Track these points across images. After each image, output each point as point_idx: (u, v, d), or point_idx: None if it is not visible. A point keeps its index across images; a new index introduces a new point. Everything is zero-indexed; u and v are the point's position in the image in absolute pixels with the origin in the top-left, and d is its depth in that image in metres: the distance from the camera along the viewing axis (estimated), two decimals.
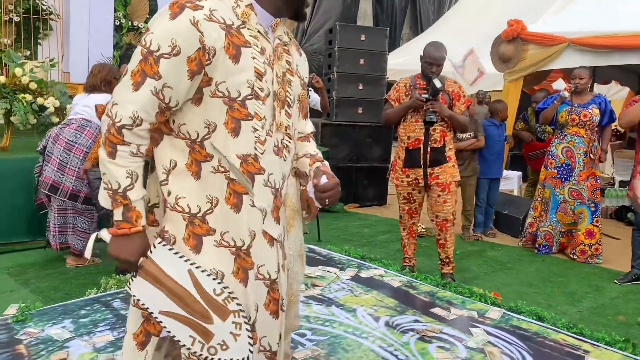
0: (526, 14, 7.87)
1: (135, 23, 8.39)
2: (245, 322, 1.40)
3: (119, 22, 8.20)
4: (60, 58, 7.17)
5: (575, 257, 4.86)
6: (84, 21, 7.65)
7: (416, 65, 4.09)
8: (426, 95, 3.73)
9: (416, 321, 3.16)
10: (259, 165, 1.42)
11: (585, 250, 4.84)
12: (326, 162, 1.71)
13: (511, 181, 7.15)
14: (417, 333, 2.99)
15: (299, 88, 1.59)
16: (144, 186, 1.43)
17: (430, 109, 3.74)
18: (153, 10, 8.54)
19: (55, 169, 3.89)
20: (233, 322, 1.38)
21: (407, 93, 3.88)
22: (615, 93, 10.09)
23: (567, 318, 3.34)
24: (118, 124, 1.34)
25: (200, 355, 1.39)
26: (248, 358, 1.39)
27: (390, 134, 7.02)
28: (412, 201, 3.96)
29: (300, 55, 1.66)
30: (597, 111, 4.72)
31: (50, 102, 4.88)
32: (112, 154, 1.35)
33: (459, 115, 3.83)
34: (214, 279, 1.38)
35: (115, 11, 8.10)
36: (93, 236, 1.51)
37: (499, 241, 5.46)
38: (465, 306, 3.41)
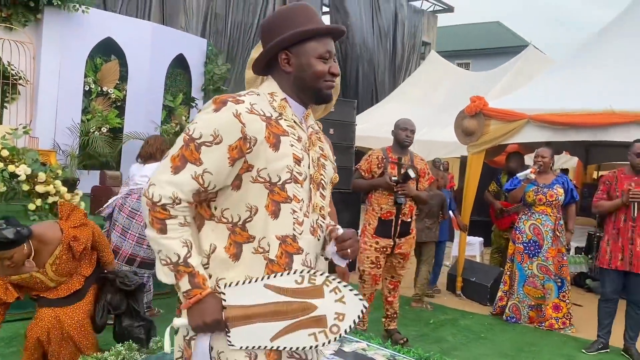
0: (478, 89, 8.41)
1: (104, 88, 8.41)
2: (338, 282, 1.42)
3: (88, 88, 8.20)
4: (28, 123, 7.07)
5: (545, 326, 4.99)
6: (54, 86, 7.63)
7: (374, 131, 4.41)
8: (396, 178, 4.03)
9: None
10: (297, 246, 1.49)
11: (553, 324, 4.99)
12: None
13: (473, 247, 7.37)
14: None
15: (332, 171, 1.70)
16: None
17: (400, 192, 4.03)
18: (123, 76, 8.61)
19: (119, 234, 4.08)
20: (331, 291, 1.40)
21: (379, 165, 4.16)
22: (565, 162, 10.70)
23: None
24: (159, 204, 1.40)
25: (330, 340, 1.41)
26: (365, 306, 1.42)
27: (359, 201, 7.16)
28: (379, 266, 4.17)
29: (325, 142, 1.76)
30: (562, 190, 5.01)
31: (22, 170, 4.80)
32: (163, 230, 1.41)
33: (422, 192, 4.23)
34: (287, 274, 1.42)
35: (85, 76, 8.12)
36: (168, 330, 1.49)
37: (469, 309, 5.56)
38: None
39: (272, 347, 1.41)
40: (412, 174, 3.97)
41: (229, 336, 1.42)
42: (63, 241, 3.03)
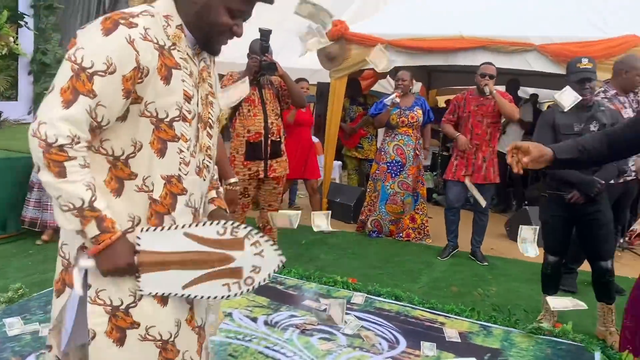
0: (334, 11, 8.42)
1: None
2: (260, 236, 1.41)
3: None
4: None
5: (403, 237, 5.46)
6: None
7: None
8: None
9: (292, 316, 3.27)
10: (182, 186, 1.44)
11: (410, 233, 5.46)
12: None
13: (333, 170, 7.66)
14: (297, 328, 3.10)
15: (219, 109, 1.62)
16: None
17: (265, 62, 3.64)
18: None
19: None
20: (252, 244, 1.40)
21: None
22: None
23: (414, 294, 3.76)
24: (55, 145, 1.24)
25: (242, 292, 1.40)
26: (282, 262, 1.43)
27: None
28: (247, 195, 3.95)
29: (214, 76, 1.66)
30: (421, 112, 5.34)
31: None
32: (62, 173, 1.26)
33: (290, 78, 3.85)
34: (210, 224, 1.39)
35: None
36: (76, 271, 1.35)
37: (336, 227, 5.83)
38: (331, 295, 3.62)
39: (184, 294, 1.39)
40: (267, 33, 3.56)
41: (138, 281, 1.36)
42: None
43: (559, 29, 5.32)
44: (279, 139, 3.94)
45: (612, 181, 3.55)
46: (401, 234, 5.48)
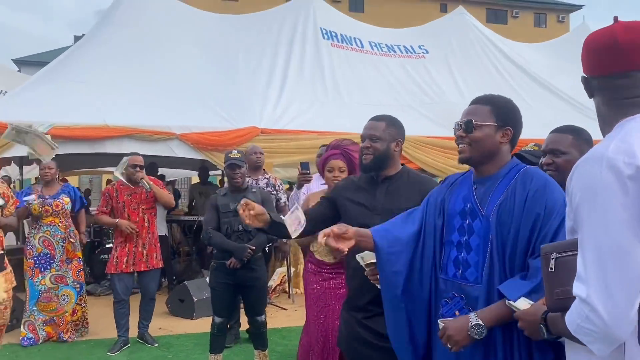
0: None
1: None
2: None
3: None
4: None
5: (66, 337, 5.04)
6: None
7: None
8: None
9: None
10: None
11: (70, 329, 5.08)
12: None
13: None
14: None
15: None
16: None
17: None
18: None
19: None
20: None
21: None
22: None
23: None
24: None
25: None
26: None
27: None
28: None
29: None
30: (68, 199, 5.14)
31: None
32: None
33: None
34: None
35: None
36: None
37: None
38: None
39: None
40: None
41: None
42: None
43: (197, 121, 6.07)
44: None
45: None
46: (62, 333, 5.03)
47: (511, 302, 1.62)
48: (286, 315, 5.94)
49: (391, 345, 2.09)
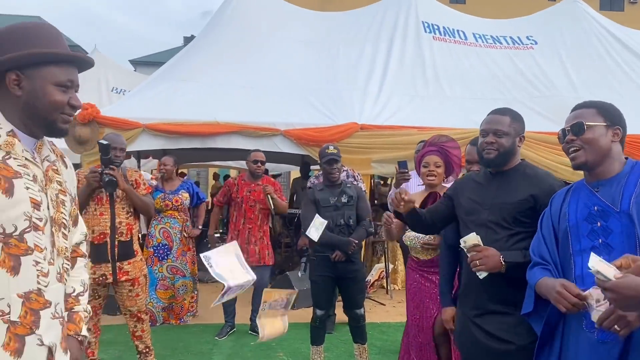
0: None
1: None
2: None
3: None
4: None
5: (182, 322, 5.42)
6: None
7: None
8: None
9: None
10: (43, 300, 1.36)
11: (183, 314, 5.47)
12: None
13: None
14: None
15: (71, 205, 1.57)
16: None
17: (108, 174, 3.45)
18: None
19: None
20: None
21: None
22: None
23: None
24: None
25: None
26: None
27: None
28: (97, 297, 3.64)
29: (67, 167, 1.62)
30: (187, 195, 5.50)
31: None
32: None
33: (135, 192, 3.69)
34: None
35: None
36: None
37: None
38: None
39: None
40: (104, 143, 3.42)
41: None
42: None
43: (300, 117, 6.22)
44: (129, 239, 3.65)
45: None
46: (182, 319, 5.45)
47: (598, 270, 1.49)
48: (385, 311, 5.95)
49: (500, 347, 2.07)
